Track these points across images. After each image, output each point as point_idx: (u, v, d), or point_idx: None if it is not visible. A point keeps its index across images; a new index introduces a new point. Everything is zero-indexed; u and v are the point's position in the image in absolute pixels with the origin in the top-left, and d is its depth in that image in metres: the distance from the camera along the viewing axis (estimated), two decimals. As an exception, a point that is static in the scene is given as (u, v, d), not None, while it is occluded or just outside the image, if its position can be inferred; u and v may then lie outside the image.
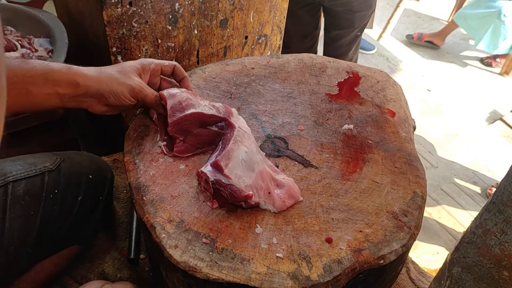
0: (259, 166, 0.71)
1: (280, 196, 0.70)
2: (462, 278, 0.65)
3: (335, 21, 2.03)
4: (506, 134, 2.83)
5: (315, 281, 0.61)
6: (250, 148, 0.73)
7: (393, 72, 3.22)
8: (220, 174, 0.69)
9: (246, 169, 0.70)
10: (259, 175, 0.70)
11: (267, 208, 0.70)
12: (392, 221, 0.69)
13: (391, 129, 0.86)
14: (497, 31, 3.10)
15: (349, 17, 1.97)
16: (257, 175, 0.70)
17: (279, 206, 0.70)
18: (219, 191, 0.69)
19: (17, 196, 0.76)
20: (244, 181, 0.69)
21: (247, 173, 0.69)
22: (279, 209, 0.70)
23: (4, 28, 1.22)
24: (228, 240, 0.65)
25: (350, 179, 0.76)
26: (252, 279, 0.60)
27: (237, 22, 1.23)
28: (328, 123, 0.86)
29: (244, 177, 0.69)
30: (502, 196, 0.57)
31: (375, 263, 0.64)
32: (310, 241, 0.66)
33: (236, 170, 0.69)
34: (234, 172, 0.69)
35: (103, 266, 0.97)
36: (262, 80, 0.95)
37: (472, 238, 0.63)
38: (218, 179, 0.68)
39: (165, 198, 0.70)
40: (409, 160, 0.80)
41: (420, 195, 0.74)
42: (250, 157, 0.71)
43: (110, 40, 1.04)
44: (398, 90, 0.95)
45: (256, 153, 0.73)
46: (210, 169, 0.70)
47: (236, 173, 0.69)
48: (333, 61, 1.00)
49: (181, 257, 0.62)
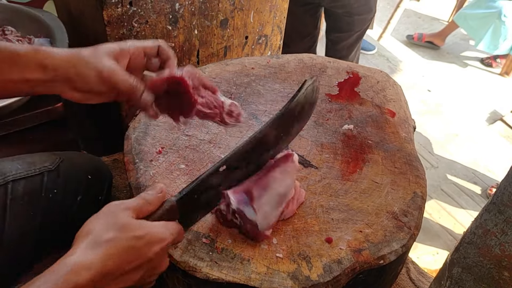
0: (289, 197, 0.67)
1: (291, 208, 0.69)
2: (462, 279, 0.65)
3: (336, 24, 2.04)
4: (506, 135, 2.82)
5: (315, 281, 0.61)
6: (291, 182, 0.67)
7: (393, 72, 3.21)
8: (247, 205, 0.63)
9: (276, 206, 0.65)
10: (285, 206, 0.66)
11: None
12: (392, 221, 0.69)
13: (391, 129, 0.85)
14: (498, 31, 3.10)
15: (349, 20, 1.97)
16: (284, 207, 0.66)
17: (289, 215, 0.69)
18: (234, 218, 0.64)
19: (16, 195, 0.76)
20: (269, 221, 0.64)
21: (275, 211, 0.64)
22: (287, 217, 0.69)
23: (5, 28, 1.22)
24: (228, 240, 0.65)
25: (350, 179, 0.76)
26: (252, 279, 0.60)
27: (237, 22, 1.23)
28: (328, 123, 0.86)
29: (270, 216, 0.64)
30: (502, 196, 0.57)
31: (375, 263, 0.64)
32: (310, 241, 0.66)
33: (266, 207, 0.63)
34: (263, 209, 0.63)
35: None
36: (262, 80, 0.95)
37: (472, 239, 0.63)
38: (242, 210, 0.63)
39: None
40: (409, 160, 0.80)
41: (420, 195, 0.74)
42: (286, 192, 0.66)
43: (111, 40, 1.04)
44: (398, 90, 0.95)
45: (293, 185, 0.68)
46: (238, 195, 0.64)
47: (265, 210, 0.63)
48: (333, 61, 1.00)
49: (181, 257, 0.62)
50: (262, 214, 0.63)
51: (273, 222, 0.65)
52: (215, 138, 0.82)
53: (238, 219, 0.63)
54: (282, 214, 0.68)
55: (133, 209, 0.56)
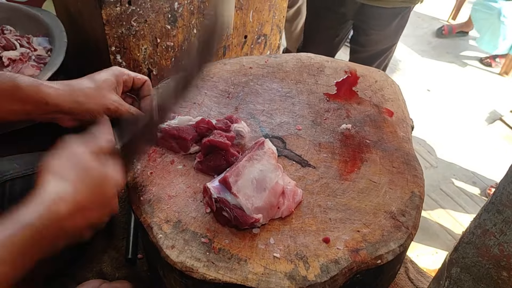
0: (272, 182, 0.67)
1: (287, 204, 0.69)
2: (461, 279, 0.65)
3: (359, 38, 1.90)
4: (506, 134, 2.82)
5: (312, 281, 0.60)
6: (267, 167, 0.69)
7: (393, 72, 3.21)
8: (227, 192, 0.65)
9: (257, 189, 0.66)
10: (272, 192, 0.67)
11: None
12: (390, 221, 0.69)
13: (389, 129, 0.85)
14: (497, 31, 3.10)
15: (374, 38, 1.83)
16: (270, 192, 0.67)
17: (286, 213, 0.69)
18: (221, 210, 0.65)
19: (14, 195, 0.76)
20: (253, 203, 0.65)
21: (258, 194, 0.66)
22: (285, 215, 0.69)
23: (3, 27, 1.22)
24: (225, 240, 0.65)
25: (348, 179, 0.75)
26: (249, 279, 0.60)
27: (236, 21, 1.23)
28: (326, 122, 0.86)
29: (253, 198, 0.65)
30: (501, 196, 0.57)
31: (373, 263, 0.64)
32: (307, 241, 0.66)
33: (245, 190, 0.65)
34: (243, 191, 0.65)
35: (101, 266, 0.96)
36: (260, 80, 0.95)
37: (471, 239, 0.62)
38: (223, 197, 0.64)
39: (162, 198, 0.70)
40: (407, 160, 0.79)
41: (418, 195, 0.73)
42: (263, 175, 0.67)
43: (109, 39, 1.04)
44: (396, 90, 0.95)
45: (273, 171, 0.69)
46: (217, 184, 0.66)
47: (245, 192, 0.65)
48: (331, 61, 1.00)
49: (178, 257, 0.62)
50: (243, 196, 0.65)
51: (261, 206, 0.65)
52: (213, 138, 0.81)
53: (226, 210, 0.65)
54: (279, 211, 0.68)
55: (91, 148, 0.60)
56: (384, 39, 1.84)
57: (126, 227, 1.03)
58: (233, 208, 0.64)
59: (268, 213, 0.67)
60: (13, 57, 1.13)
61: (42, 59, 1.16)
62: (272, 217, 0.68)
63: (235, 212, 0.64)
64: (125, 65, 1.09)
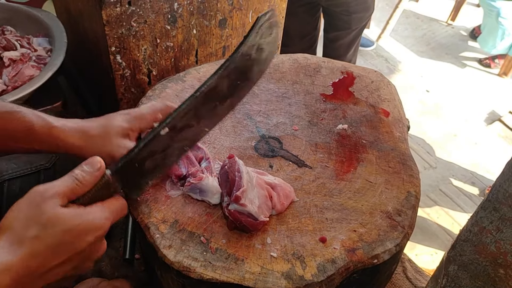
0: (254, 176, 0.69)
1: (278, 198, 0.70)
2: (459, 276, 0.65)
3: (333, 22, 2.06)
4: (505, 135, 2.83)
5: (309, 281, 0.61)
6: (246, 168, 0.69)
7: (392, 72, 3.22)
8: (235, 204, 0.65)
9: (251, 188, 0.67)
10: (257, 185, 0.68)
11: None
12: (386, 221, 0.69)
13: (385, 129, 0.86)
14: (496, 31, 3.10)
15: (346, 19, 1.99)
16: (258, 185, 0.68)
17: (279, 209, 0.70)
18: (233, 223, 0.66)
19: (12, 194, 0.76)
20: (254, 203, 0.65)
21: (253, 192, 0.66)
22: (278, 211, 0.70)
23: (4, 28, 1.22)
24: (222, 240, 0.65)
25: (344, 179, 0.76)
26: (246, 278, 0.60)
27: (236, 22, 1.23)
28: (323, 123, 0.87)
29: (253, 198, 0.66)
30: (498, 194, 0.57)
31: (369, 262, 0.65)
32: (304, 240, 0.66)
33: (249, 195, 0.65)
34: (248, 197, 0.65)
35: (100, 265, 0.97)
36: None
37: (468, 236, 0.63)
38: (235, 209, 0.65)
39: (159, 198, 0.70)
40: (403, 159, 0.80)
41: (414, 195, 0.74)
42: (250, 175, 0.68)
43: (109, 39, 1.04)
44: (392, 90, 0.95)
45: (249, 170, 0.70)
46: (235, 206, 0.65)
47: (249, 198, 0.65)
48: (328, 61, 1.01)
49: (175, 257, 0.62)
50: (249, 202, 0.64)
51: (259, 203, 0.66)
52: (209, 138, 0.82)
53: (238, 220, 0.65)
54: (273, 200, 0.68)
55: (63, 194, 0.51)
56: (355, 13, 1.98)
57: (124, 227, 1.04)
58: (243, 218, 0.64)
59: (263, 206, 0.67)
60: (13, 57, 1.13)
61: (42, 59, 1.17)
62: (269, 210, 0.68)
63: (247, 223, 0.64)
64: (125, 65, 1.10)
